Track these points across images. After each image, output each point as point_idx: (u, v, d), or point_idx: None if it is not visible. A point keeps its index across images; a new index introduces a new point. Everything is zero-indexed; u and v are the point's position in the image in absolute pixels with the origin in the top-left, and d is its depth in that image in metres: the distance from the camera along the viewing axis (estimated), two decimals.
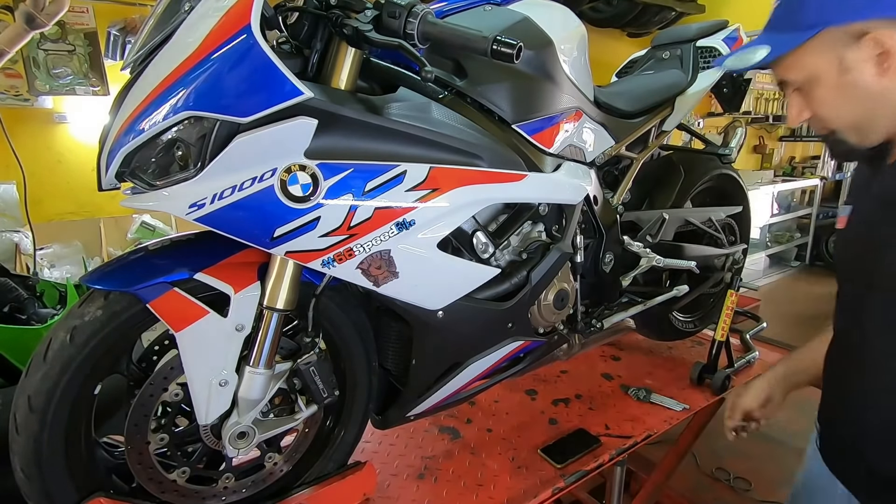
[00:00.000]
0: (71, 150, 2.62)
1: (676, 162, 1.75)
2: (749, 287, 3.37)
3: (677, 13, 4.21)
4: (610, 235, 1.47)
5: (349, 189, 0.89)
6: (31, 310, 1.45)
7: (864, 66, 0.74)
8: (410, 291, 1.02)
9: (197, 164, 0.80)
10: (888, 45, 0.71)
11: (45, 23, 1.38)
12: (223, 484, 1.06)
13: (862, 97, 0.76)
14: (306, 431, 1.14)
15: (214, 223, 0.82)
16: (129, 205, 0.84)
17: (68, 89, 2.48)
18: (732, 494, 2.43)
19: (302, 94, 0.80)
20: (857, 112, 0.78)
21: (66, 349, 0.86)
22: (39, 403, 0.85)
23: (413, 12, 0.84)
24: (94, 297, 0.89)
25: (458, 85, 1.09)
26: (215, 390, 0.94)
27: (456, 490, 1.22)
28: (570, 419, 1.50)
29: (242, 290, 0.93)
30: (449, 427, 1.46)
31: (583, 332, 1.47)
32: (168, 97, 0.77)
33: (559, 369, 1.78)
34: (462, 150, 1.01)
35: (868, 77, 0.74)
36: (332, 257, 0.90)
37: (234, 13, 0.77)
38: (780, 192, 5.63)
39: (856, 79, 0.75)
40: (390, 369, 1.23)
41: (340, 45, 0.90)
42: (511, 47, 0.81)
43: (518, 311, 1.22)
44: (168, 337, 0.97)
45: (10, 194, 2.38)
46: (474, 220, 1.12)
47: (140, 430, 0.94)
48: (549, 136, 1.21)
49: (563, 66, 1.22)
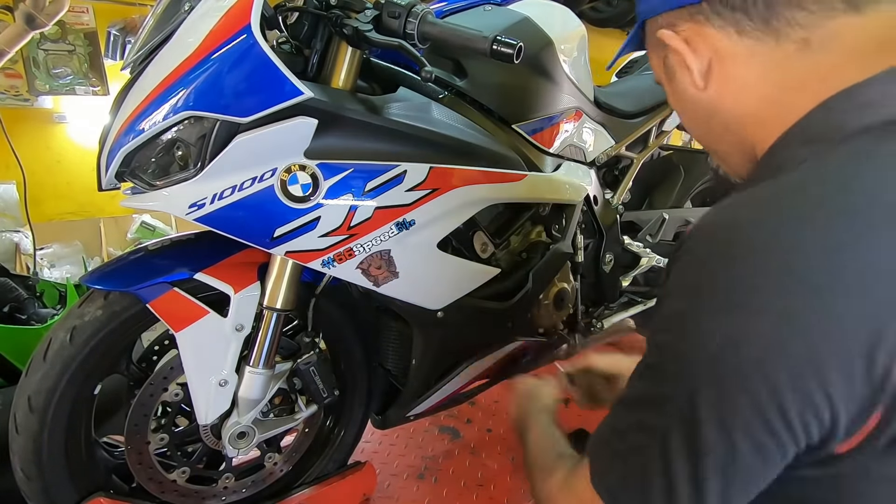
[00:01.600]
0: (71, 150, 2.61)
1: (676, 162, 1.75)
2: None
3: None
4: (610, 235, 1.47)
5: (349, 189, 0.89)
6: (31, 310, 1.45)
7: (679, 73, 0.54)
8: (410, 291, 1.02)
9: (197, 164, 0.80)
10: (676, 43, 0.52)
11: (45, 23, 1.38)
12: (223, 484, 1.06)
13: (694, 111, 0.57)
14: (306, 431, 1.14)
15: (214, 223, 0.82)
16: (129, 205, 0.84)
17: (68, 89, 2.48)
18: None
19: (302, 94, 0.80)
20: (698, 129, 0.60)
21: (66, 349, 0.86)
22: (39, 403, 0.85)
23: (413, 12, 0.84)
24: (94, 297, 0.89)
25: (458, 85, 1.09)
26: (215, 390, 0.94)
27: (456, 490, 1.23)
28: (570, 419, 1.50)
29: (242, 290, 0.93)
30: (449, 427, 1.46)
31: (583, 332, 1.47)
32: (168, 97, 0.77)
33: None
34: (462, 150, 1.01)
35: (685, 86, 0.54)
36: (332, 257, 0.90)
37: (234, 13, 0.77)
38: None
39: (680, 87, 0.55)
40: (390, 369, 1.23)
41: (340, 45, 0.90)
42: (511, 47, 0.80)
43: (518, 310, 1.22)
44: (168, 337, 0.97)
45: (10, 194, 2.37)
46: (474, 220, 1.12)
47: (140, 430, 0.94)
48: (549, 136, 1.21)
49: (563, 66, 1.22)
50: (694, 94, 0.54)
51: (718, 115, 0.54)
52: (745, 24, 0.48)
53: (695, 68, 0.52)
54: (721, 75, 0.51)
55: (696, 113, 0.57)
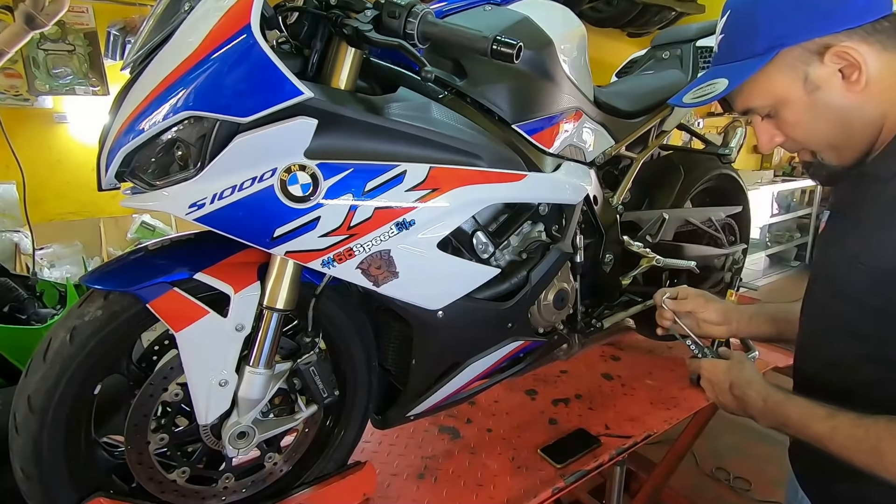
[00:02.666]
0: (71, 150, 2.61)
1: (676, 162, 1.75)
2: (749, 287, 3.38)
3: (677, 13, 4.20)
4: (610, 235, 1.47)
5: (349, 189, 0.89)
6: (31, 310, 1.45)
7: (830, 82, 0.72)
8: (410, 291, 1.02)
9: (197, 164, 0.80)
10: (852, 57, 0.69)
11: (44, 23, 1.38)
12: (223, 484, 1.06)
13: (834, 114, 0.74)
14: (306, 431, 1.14)
15: (214, 223, 0.82)
16: (129, 205, 0.84)
17: (68, 89, 2.48)
18: (732, 494, 2.43)
19: (302, 94, 0.80)
20: (832, 131, 0.75)
21: (66, 349, 0.85)
22: (39, 403, 0.85)
23: (413, 12, 0.84)
24: (94, 297, 0.89)
25: (458, 85, 1.09)
26: (215, 390, 0.94)
27: (456, 490, 1.22)
28: (570, 419, 1.50)
29: (242, 290, 0.93)
30: (449, 427, 1.46)
31: (583, 331, 1.47)
32: (168, 97, 0.77)
33: (559, 369, 1.78)
34: (462, 150, 1.01)
35: (837, 92, 0.72)
36: (332, 257, 0.90)
37: (234, 13, 0.77)
38: (779, 192, 5.63)
39: (825, 96, 0.73)
40: (390, 369, 1.23)
41: (340, 45, 0.90)
42: (511, 47, 0.81)
43: (518, 310, 1.22)
44: (168, 337, 0.97)
45: (10, 194, 2.38)
46: (474, 220, 1.12)
47: (140, 430, 0.94)
48: (548, 136, 1.21)
49: (562, 66, 1.22)
50: (843, 99, 0.72)
51: (864, 111, 0.72)
52: (888, 44, 0.70)
53: (859, 74, 0.70)
54: (874, 79, 0.70)
55: (835, 115, 0.74)
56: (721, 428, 1.23)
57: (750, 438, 2.69)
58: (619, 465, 1.54)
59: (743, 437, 2.71)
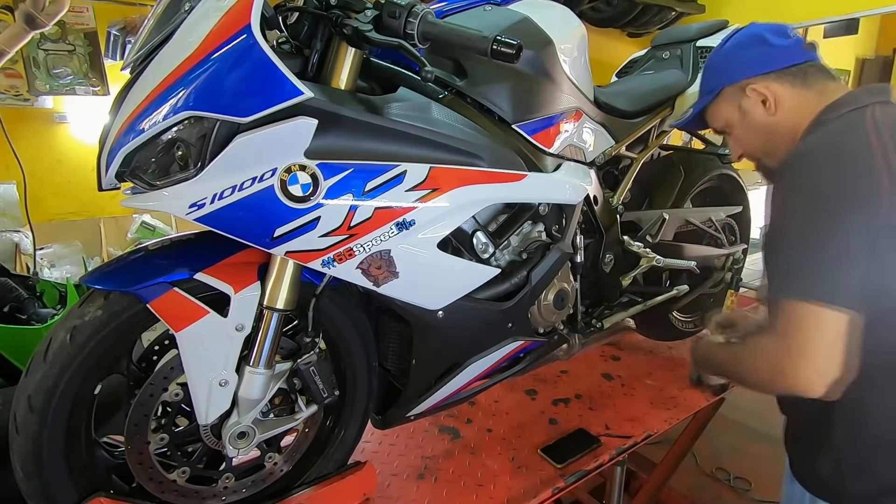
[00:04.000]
0: (71, 150, 2.62)
1: (676, 162, 1.75)
2: (749, 287, 3.37)
3: (677, 13, 4.19)
4: (610, 235, 1.47)
5: (349, 189, 0.89)
6: (31, 310, 1.45)
7: (755, 109, 1.01)
8: (410, 291, 1.02)
9: (197, 164, 0.80)
10: (764, 92, 0.99)
11: (45, 23, 1.38)
12: (223, 484, 1.06)
13: (761, 131, 1.02)
14: (306, 431, 1.14)
15: (214, 223, 0.82)
16: (129, 205, 0.84)
17: (68, 89, 2.48)
18: (732, 494, 2.43)
19: (302, 94, 0.80)
20: (762, 142, 1.04)
21: (66, 349, 0.86)
22: (39, 403, 0.85)
23: (413, 12, 0.84)
24: (94, 297, 0.89)
25: (458, 85, 1.09)
26: (215, 390, 0.94)
27: (456, 490, 1.22)
28: (570, 419, 1.50)
29: (242, 290, 0.93)
30: (449, 427, 1.46)
31: (583, 332, 1.47)
32: (168, 97, 0.77)
33: (559, 369, 1.78)
34: (462, 150, 1.01)
35: (760, 116, 1.01)
36: (332, 257, 0.90)
37: (234, 13, 0.77)
38: None
39: (753, 118, 1.02)
40: (390, 369, 1.23)
41: (340, 45, 0.90)
42: (511, 47, 0.81)
43: (518, 311, 1.22)
44: (168, 337, 0.97)
45: (10, 194, 2.38)
46: (474, 220, 1.12)
47: (140, 430, 0.94)
48: (549, 136, 1.21)
49: (563, 66, 1.22)
50: (765, 120, 1.01)
51: (781, 127, 0.99)
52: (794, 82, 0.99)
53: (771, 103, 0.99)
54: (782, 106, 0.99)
55: (763, 132, 1.03)
56: (721, 428, 1.23)
57: (750, 438, 2.70)
58: (619, 465, 1.54)
59: (743, 437, 2.71)
